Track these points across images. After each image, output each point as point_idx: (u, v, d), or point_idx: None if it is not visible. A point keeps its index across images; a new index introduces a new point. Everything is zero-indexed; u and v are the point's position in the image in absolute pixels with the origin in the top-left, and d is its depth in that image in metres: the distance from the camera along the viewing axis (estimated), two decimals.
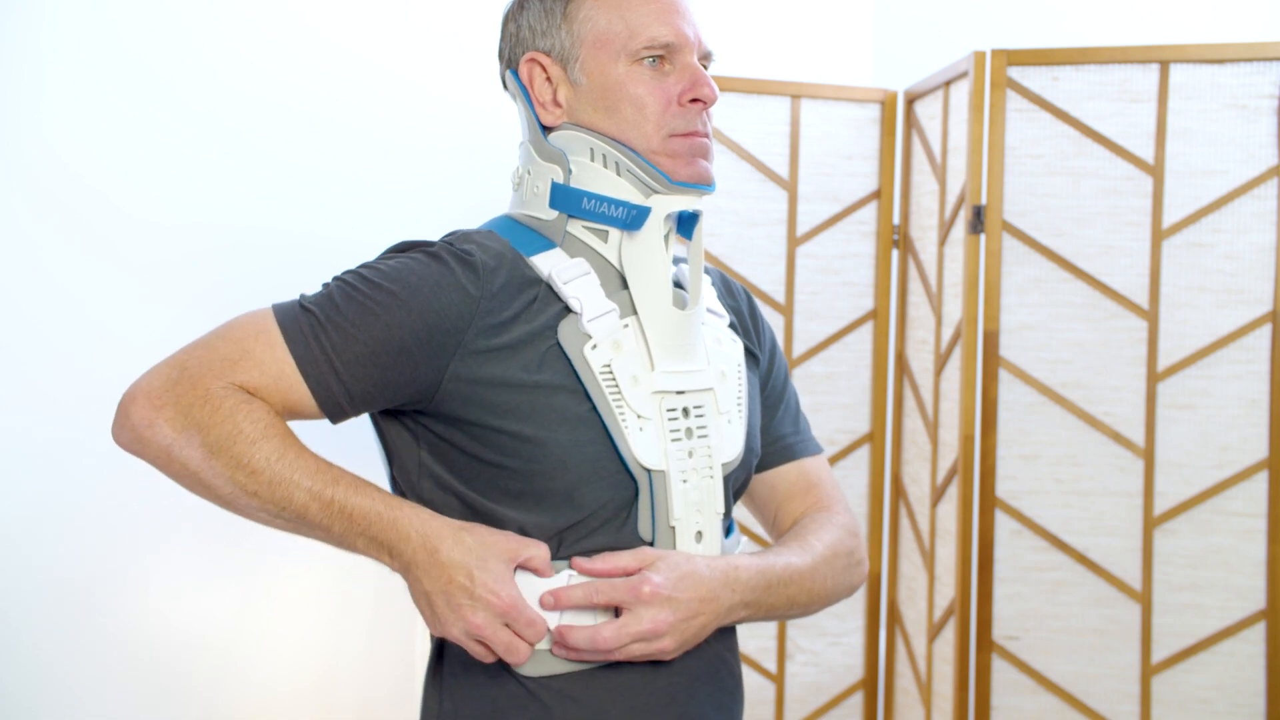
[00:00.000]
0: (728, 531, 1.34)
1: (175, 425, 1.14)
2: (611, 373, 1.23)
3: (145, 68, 2.04)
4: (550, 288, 1.24)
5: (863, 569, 1.39)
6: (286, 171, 2.22)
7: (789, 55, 3.17)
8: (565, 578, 1.20)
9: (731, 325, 1.39)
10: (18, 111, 1.91)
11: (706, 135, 1.27)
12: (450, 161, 2.42)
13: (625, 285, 1.27)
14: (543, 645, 1.20)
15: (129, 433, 1.16)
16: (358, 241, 2.30)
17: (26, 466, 1.92)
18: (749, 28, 3.14)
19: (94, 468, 1.99)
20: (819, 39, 3.28)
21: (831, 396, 2.69)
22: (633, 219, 1.24)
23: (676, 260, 1.38)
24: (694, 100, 1.25)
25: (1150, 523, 2.40)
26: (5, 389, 1.90)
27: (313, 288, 2.25)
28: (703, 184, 1.27)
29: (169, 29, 2.07)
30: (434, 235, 1.44)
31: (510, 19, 1.32)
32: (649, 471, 1.23)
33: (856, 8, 3.33)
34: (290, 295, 2.12)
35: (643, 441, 1.23)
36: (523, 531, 1.21)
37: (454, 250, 1.22)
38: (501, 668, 1.22)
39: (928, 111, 2.62)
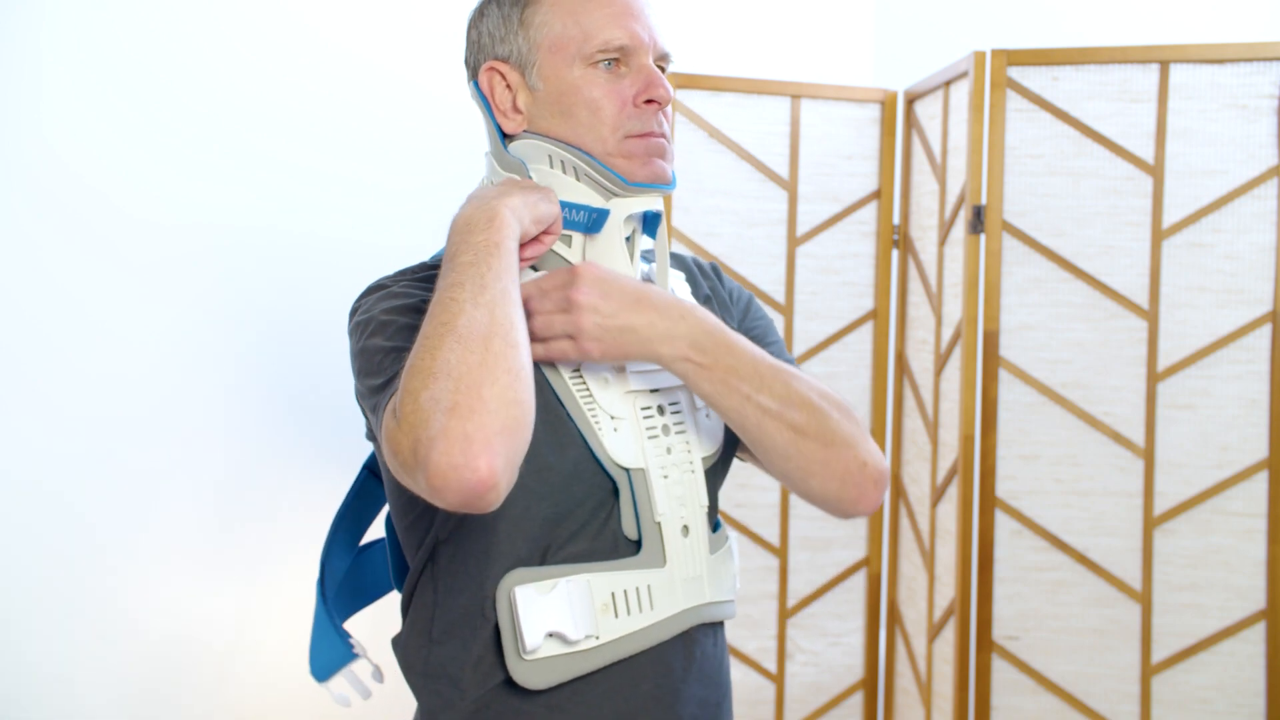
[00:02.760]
0: (715, 526, 1.34)
1: (487, 452, 1.05)
2: (581, 377, 1.24)
3: (145, 68, 2.04)
4: None
5: (862, 454, 1.27)
6: (286, 171, 2.22)
7: (789, 55, 3.17)
8: (564, 587, 1.20)
9: None
10: (18, 111, 1.91)
11: (663, 135, 1.28)
12: (450, 161, 2.42)
13: None
14: (536, 655, 1.19)
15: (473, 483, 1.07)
16: (358, 241, 2.31)
17: (26, 467, 1.92)
18: (749, 28, 3.14)
19: (94, 468, 1.99)
20: (819, 39, 3.28)
21: None
22: (593, 222, 1.26)
23: (647, 257, 1.38)
24: (649, 101, 1.26)
25: (1150, 523, 2.40)
26: (5, 389, 1.90)
27: (311, 287, 2.24)
28: (660, 184, 1.28)
29: (169, 29, 2.07)
30: (434, 235, 1.45)
31: (472, 26, 1.33)
32: (628, 471, 1.24)
33: (856, 8, 3.33)
34: (287, 294, 2.13)
35: (618, 442, 1.24)
36: (509, 536, 1.21)
37: (397, 278, 1.27)
38: (504, 684, 1.22)
39: (928, 111, 2.62)
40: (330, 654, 1.44)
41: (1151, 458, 2.39)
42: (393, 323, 1.20)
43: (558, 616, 1.19)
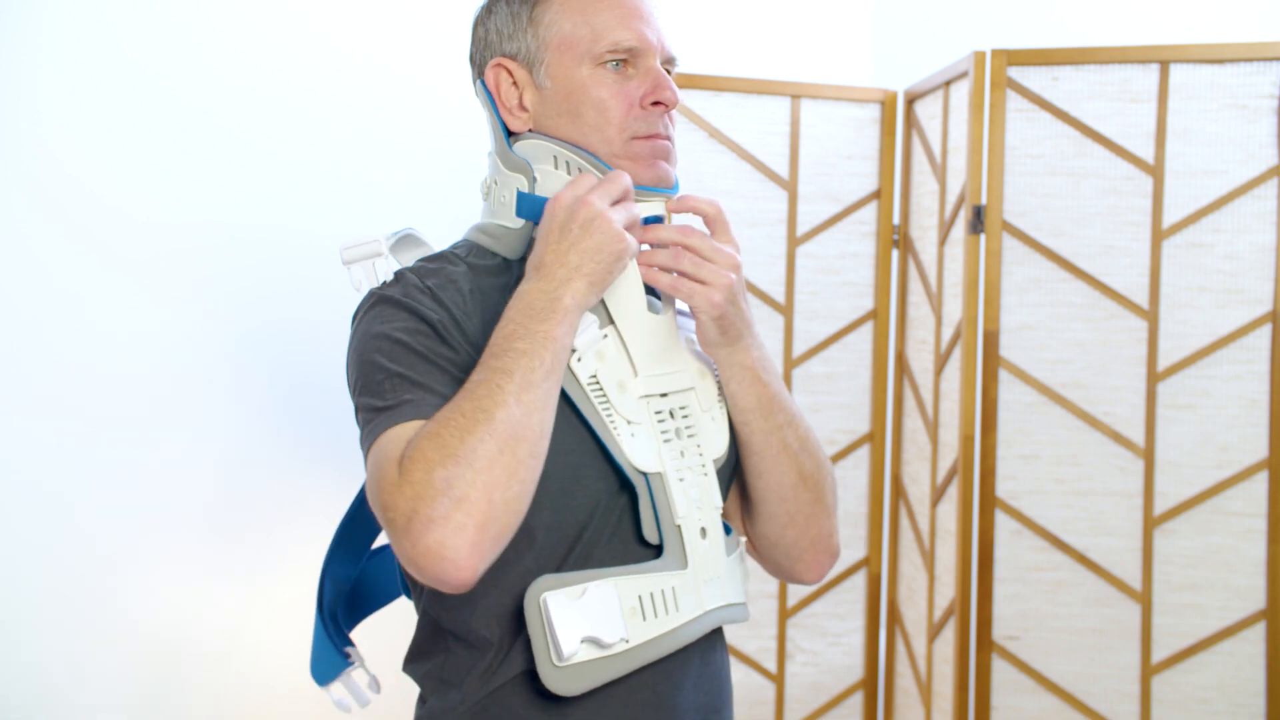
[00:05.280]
0: (726, 529, 1.34)
1: (463, 534, 1.08)
2: (598, 382, 1.24)
3: (143, 68, 2.04)
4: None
5: (833, 528, 1.39)
6: (285, 171, 2.22)
7: (789, 55, 3.17)
8: (594, 591, 1.19)
9: None
10: (16, 112, 1.91)
11: (668, 138, 1.29)
12: (451, 161, 2.42)
13: None
14: (565, 661, 1.18)
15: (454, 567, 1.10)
16: None
17: (26, 467, 1.92)
18: (749, 28, 3.14)
19: (93, 469, 1.99)
20: (819, 39, 3.28)
21: (831, 396, 2.69)
22: None
23: None
24: (655, 103, 1.27)
25: (1150, 523, 2.40)
26: (5, 389, 1.90)
27: (311, 287, 2.24)
28: (663, 187, 1.29)
29: (167, 29, 2.07)
30: (432, 234, 1.44)
31: (479, 23, 1.33)
32: (646, 475, 1.24)
33: (856, 8, 3.33)
34: (286, 294, 2.13)
35: (636, 446, 1.24)
36: (513, 546, 1.20)
37: (406, 287, 1.24)
38: (503, 688, 1.22)
39: (928, 111, 2.62)
40: (328, 663, 1.46)
41: (1151, 458, 2.39)
42: (402, 345, 1.19)
43: (591, 621, 1.18)
